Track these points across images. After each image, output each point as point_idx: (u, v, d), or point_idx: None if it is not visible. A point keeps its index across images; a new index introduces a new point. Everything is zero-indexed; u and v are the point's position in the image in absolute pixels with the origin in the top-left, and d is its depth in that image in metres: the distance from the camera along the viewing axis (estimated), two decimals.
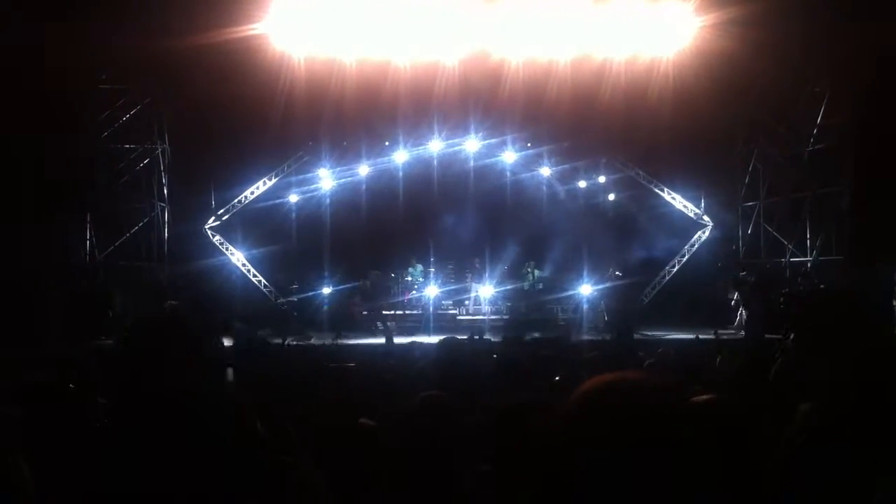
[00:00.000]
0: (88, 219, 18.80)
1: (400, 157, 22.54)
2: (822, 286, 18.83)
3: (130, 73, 19.26)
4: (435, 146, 22.48)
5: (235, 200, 22.43)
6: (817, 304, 17.71)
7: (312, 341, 17.05)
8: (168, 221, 21.90)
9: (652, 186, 23.26)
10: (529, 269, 21.92)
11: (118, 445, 1.67)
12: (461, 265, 22.59)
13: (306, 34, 19.45)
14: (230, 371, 6.17)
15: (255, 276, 22.42)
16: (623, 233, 22.43)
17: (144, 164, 20.75)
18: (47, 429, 3.02)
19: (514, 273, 22.13)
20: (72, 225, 18.31)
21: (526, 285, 21.88)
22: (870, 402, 2.11)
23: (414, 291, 21.64)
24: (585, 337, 16.43)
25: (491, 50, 19.96)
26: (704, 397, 2.55)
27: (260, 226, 22.19)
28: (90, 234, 18.85)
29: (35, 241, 15.85)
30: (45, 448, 2.84)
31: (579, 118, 20.81)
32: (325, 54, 19.78)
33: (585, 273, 21.41)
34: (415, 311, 21.20)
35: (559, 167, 23.25)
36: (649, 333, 17.91)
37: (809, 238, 20.73)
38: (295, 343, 14.66)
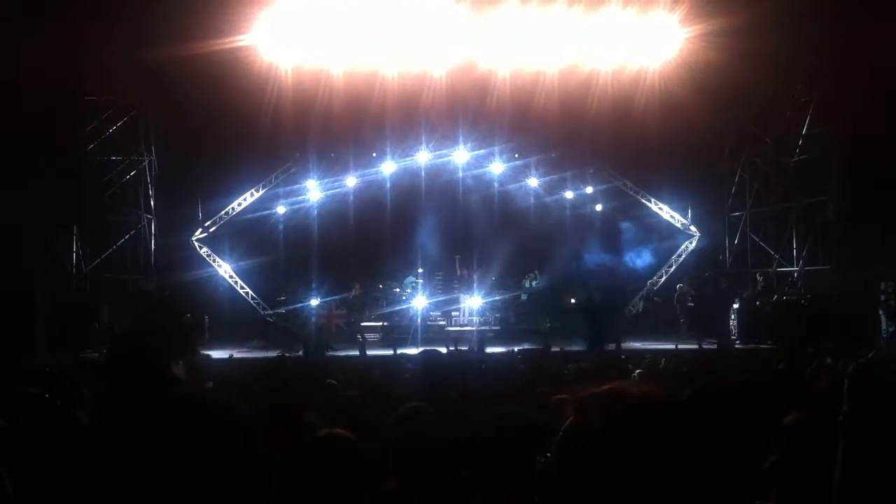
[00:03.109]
0: (75, 231, 18.71)
1: (388, 168, 22.53)
2: (808, 295, 18.92)
3: (117, 84, 19.21)
4: (423, 157, 22.48)
5: (223, 212, 22.38)
6: (804, 313, 17.82)
7: (300, 353, 17.02)
8: (155, 233, 21.83)
9: (639, 197, 23.33)
10: (529, 279, 22.13)
11: (100, 455, 1.66)
12: (449, 276, 22.58)
13: (294, 45, 19.45)
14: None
15: (242, 287, 22.35)
16: (610, 243, 22.47)
17: (131, 176, 20.69)
18: (30, 440, 3.00)
19: (503, 284, 22.19)
20: (59, 237, 18.22)
21: (524, 296, 22.00)
22: (859, 410, 2.11)
23: (403, 299, 21.60)
24: (574, 347, 16.42)
25: (479, 60, 20.00)
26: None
27: (247, 237, 22.12)
28: (77, 245, 18.76)
29: (22, 252, 15.78)
30: (28, 458, 2.82)
31: (567, 129, 20.87)
32: (313, 65, 19.78)
33: (574, 283, 21.45)
34: (403, 323, 21.14)
35: (547, 178, 23.29)
36: (636, 344, 17.95)
37: (796, 247, 20.81)
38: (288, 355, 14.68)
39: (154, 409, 1.66)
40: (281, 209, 22.60)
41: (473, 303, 21.60)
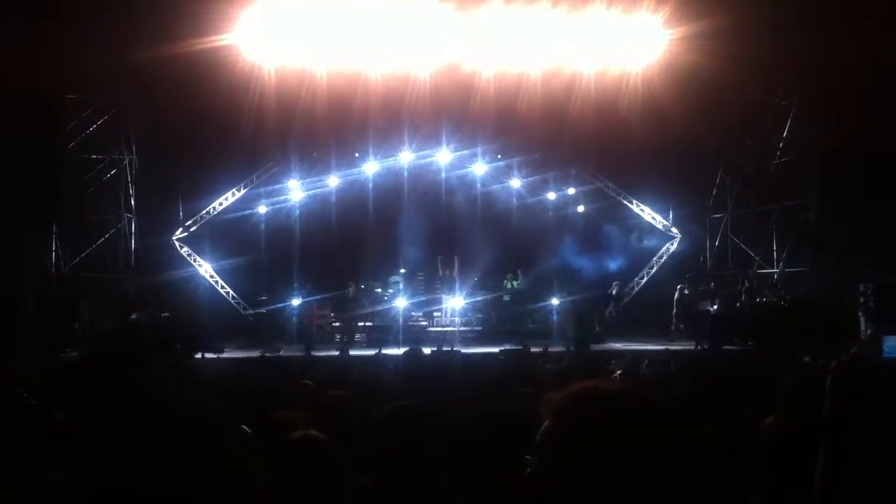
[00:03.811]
0: (55, 230, 18.58)
1: (370, 168, 22.48)
2: (788, 297, 19.04)
3: (98, 83, 19.09)
4: (405, 158, 22.46)
5: (203, 211, 22.26)
6: (783, 315, 17.94)
7: (282, 353, 16.98)
8: (135, 233, 21.67)
9: (621, 198, 23.40)
10: (509, 280, 22.16)
11: (77, 456, 1.65)
12: (431, 277, 22.56)
13: (277, 45, 19.37)
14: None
15: (223, 287, 22.25)
16: (592, 244, 22.51)
17: (112, 175, 20.56)
18: (10, 441, 2.99)
19: (485, 284, 22.19)
20: (38, 236, 18.09)
21: (506, 296, 22.02)
22: (841, 407, 2.13)
23: (385, 300, 21.56)
24: (555, 348, 16.44)
25: (462, 62, 20.00)
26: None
27: (228, 237, 22.01)
28: (57, 245, 18.64)
29: (1, 251, 15.66)
30: (8, 459, 2.80)
31: (550, 130, 20.89)
32: (296, 65, 19.71)
33: (555, 284, 21.50)
34: (384, 323, 21.07)
35: (529, 179, 23.35)
36: (618, 345, 18.02)
37: (776, 249, 20.93)
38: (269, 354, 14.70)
39: (130, 411, 1.65)
40: (262, 209, 22.51)
41: (455, 303, 21.59)
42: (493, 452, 3.12)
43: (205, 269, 22.27)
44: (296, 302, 20.73)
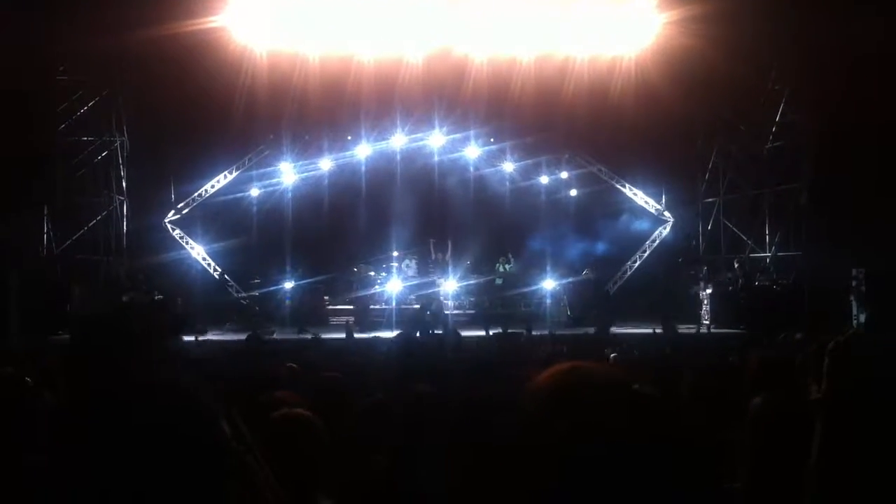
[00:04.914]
0: (46, 212, 18.51)
1: (363, 151, 22.43)
2: (780, 281, 19.08)
3: (88, 64, 18.98)
4: (398, 141, 22.42)
5: (195, 194, 22.19)
6: (775, 299, 17.99)
7: (275, 335, 16.98)
8: (127, 215, 21.56)
9: (614, 182, 23.40)
10: (501, 263, 22.12)
11: (68, 441, 1.63)
12: (424, 260, 22.54)
13: (268, 28, 19.29)
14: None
15: (215, 270, 22.21)
16: (585, 228, 22.50)
17: (103, 157, 20.44)
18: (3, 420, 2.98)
19: (478, 268, 22.19)
20: (29, 218, 18.01)
21: (499, 280, 21.99)
22: (839, 387, 2.12)
23: (378, 283, 21.55)
24: (548, 331, 16.47)
25: (455, 46, 19.94)
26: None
27: (220, 220, 21.95)
28: (48, 227, 18.56)
29: None
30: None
31: (543, 114, 20.88)
32: (288, 48, 19.64)
33: (548, 268, 21.52)
34: (378, 306, 21.06)
35: (522, 162, 23.33)
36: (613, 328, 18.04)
37: (768, 234, 20.96)
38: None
39: (113, 396, 1.63)
40: (254, 192, 22.45)
41: (448, 287, 21.59)
42: (488, 437, 3.12)
43: (197, 251, 22.23)
44: (289, 285, 20.72)
